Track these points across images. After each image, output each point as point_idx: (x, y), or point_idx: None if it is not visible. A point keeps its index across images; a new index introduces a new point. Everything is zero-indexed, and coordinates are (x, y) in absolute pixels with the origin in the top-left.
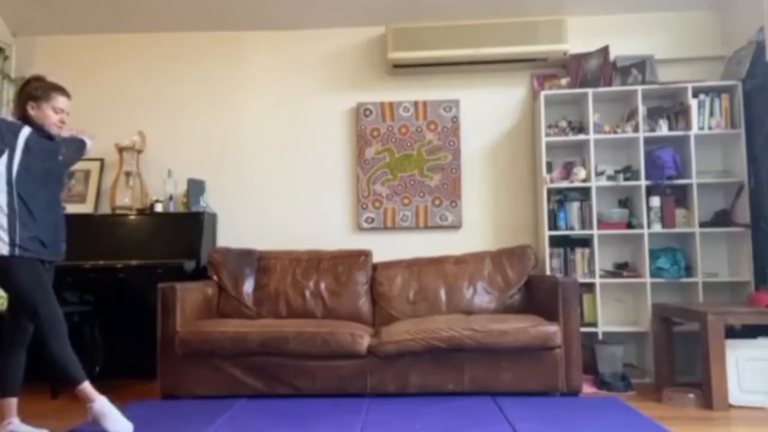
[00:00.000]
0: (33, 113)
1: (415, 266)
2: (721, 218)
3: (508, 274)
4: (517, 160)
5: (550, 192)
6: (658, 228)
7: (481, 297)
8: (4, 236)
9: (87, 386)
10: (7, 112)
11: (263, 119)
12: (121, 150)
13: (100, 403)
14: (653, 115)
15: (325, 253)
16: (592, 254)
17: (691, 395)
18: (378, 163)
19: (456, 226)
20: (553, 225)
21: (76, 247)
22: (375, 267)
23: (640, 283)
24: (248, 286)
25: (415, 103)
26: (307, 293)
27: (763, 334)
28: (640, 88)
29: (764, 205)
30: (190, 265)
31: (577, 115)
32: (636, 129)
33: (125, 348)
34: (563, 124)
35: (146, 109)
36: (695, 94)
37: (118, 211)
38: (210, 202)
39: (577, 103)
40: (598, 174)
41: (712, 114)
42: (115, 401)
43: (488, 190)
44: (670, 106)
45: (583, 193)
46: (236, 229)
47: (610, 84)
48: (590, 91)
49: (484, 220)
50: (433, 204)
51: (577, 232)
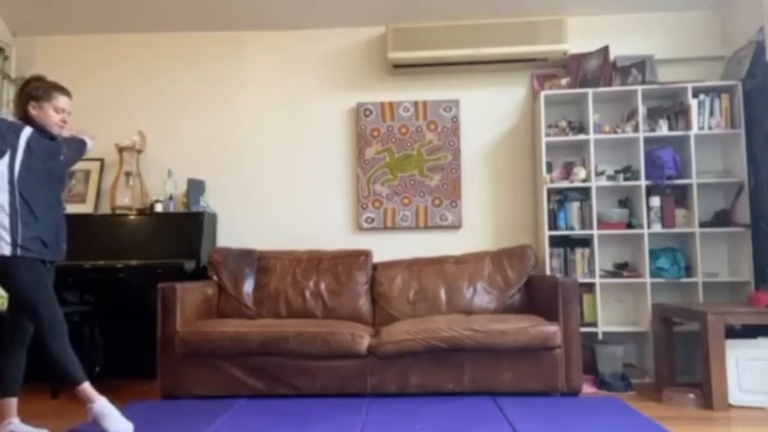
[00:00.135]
0: (34, 113)
1: (415, 266)
2: (721, 218)
3: (508, 274)
4: (517, 160)
5: (550, 192)
6: (658, 228)
7: (481, 297)
8: (6, 236)
9: (87, 387)
10: (8, 112)
11: (263, 119)
12: (121, 150)
13: (100, 404)
14: (653, 115)
15: (325, 253)
16: (592, 254)
17: (691, 395)
18: (378, 163)
19: (456, 226)
20: (553, 225)
21: (76, 247)
22: (375, 267)
23: (640, 283)
24: (248, 286)
25: (415, 103)
26: (307, 293)
27: (763, 334)
28: (640, 88)
29: (764, 205)
30: (190, 265)
31: (577, 115)
32: (636, 129)
33: (125, 348)
34: (563, 124)
35: (146, 109)
36: (695, 94)
37: (118, 211)
38: (210, 202)
39: (577, 103)
40: (598, 174)
41: (712, 114)
42: (115, 401)
43: (488, 190)
44: (670, 106)
45: (583, 193)
46: (236, 229)
47: (610, 84)
48: (590, 91)
49: (484, 220)
50: (433, 204)
51: (577, 232)
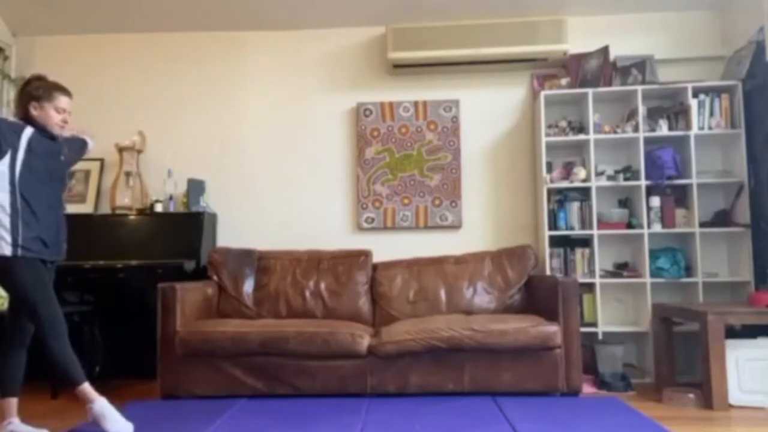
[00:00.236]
0: (35, 113)
1: (415, 266)
2: (721, 218)
3: (508, 274)
4: (517, 160)
5: (550, 192)
6: (658, 228)
7: (481, 297)
8: (7, 236)
9: (87, 387)
10: (8, 112)
11: (263, 119)
12: (121, 150)
13: (100, 404)
14: (653, 115)
15: (325, 253)
16: (592, 254)
17: (691, 395)
18: (378, 163)
19: (456, 226)
20: (553, 225)
21: (76, 247)
22: (375, 267)
23: (640, 283)
24: (248, 286)
25: (415, 103)
26: (307, 293)
27: (763, 334)
28: (640, 88)
29: (764, 205)
30: (190, 265)
31: (577, 115)
32: (636, 129)
33: (125, 348)
34: (563, 124)
35: (146, 109)
36: (695, 94)
37: (118, 211)
38: (210, 202)
39: (577, 103)
40: (598, 174)
41: (712, 114)
42: (115, 401)
43: (488, 190)
44: (670, 106)
45: (583, 193)
46: (236, 229)
47: (610, 84)
48: (590, 91)
49: (484, 220)
50: (433, 204)
51: (577, 232)
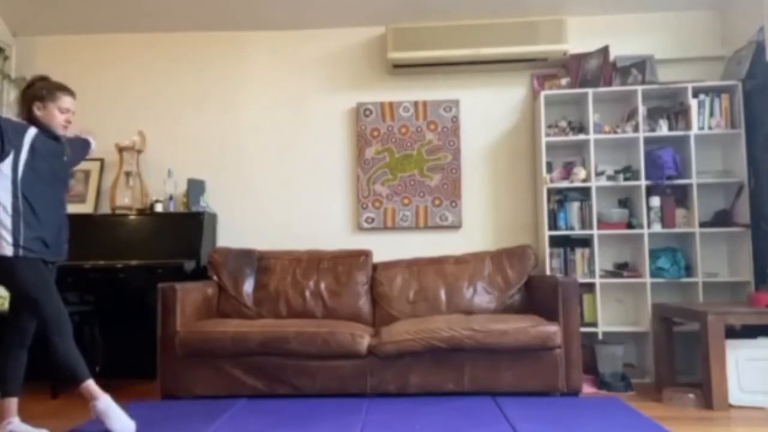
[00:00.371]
0: (39, 114)
1: (415, 266)
2: (721, 218)
3: (508, 274)
4: (517, 160)
5: (550, 192)
6: (658, 228)
7: (481, 297)
8: (8, 237)
9: (91, 384)
10: (8, 112)
11: (263, 119)
12: (121, 150)
13: (104, 402)
14: (653, 115)
15: (325, 253)
16: (592, 254)
17: (691, 395)
18: (378, 163)
19: (456, 226)
20: (553, 225)
21: (76, 247)
22: (375, 267)
23: (640, 283)
24: (248, 286)
25: (415, 103)
26: (307, 293)
27: (763, 334)
28: (640, 88)
29: (764, 205)
30: (190, 265)
31: (577, 115)
32: (636, 129)
33: (125, 348)
34: (563, 124)
35: (146, 109)
36: (695, 94)
37: (118, 211)
38: (210, 202)
39: (577, 103)
40: (598, 174)
41: (712, 114)
42: (115, 401)
43: (488, 190)
44: (670, 106)
45: (583, 193)
46: (236, 229)
47: (610, 84)
48: (590, 91)
49: (484, 220)
50: (433, 204)
51: (577, 232)
